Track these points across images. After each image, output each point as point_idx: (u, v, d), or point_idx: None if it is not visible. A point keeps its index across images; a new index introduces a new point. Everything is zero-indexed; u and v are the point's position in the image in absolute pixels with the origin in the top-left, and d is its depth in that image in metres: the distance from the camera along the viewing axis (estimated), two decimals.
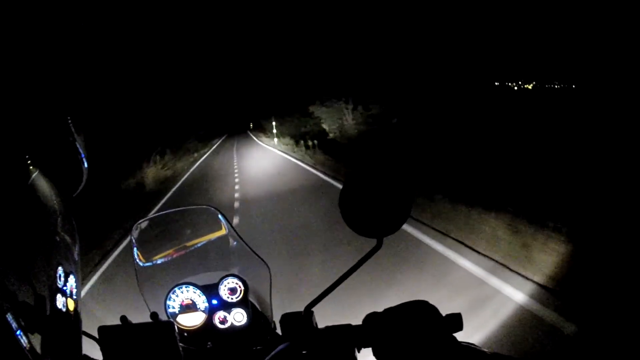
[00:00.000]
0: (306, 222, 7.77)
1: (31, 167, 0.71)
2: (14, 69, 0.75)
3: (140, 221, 1.63)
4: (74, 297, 0.70)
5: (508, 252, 4.72)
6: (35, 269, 0.61)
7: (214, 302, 1.52)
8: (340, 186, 1.29)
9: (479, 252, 5.01)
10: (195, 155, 35.31)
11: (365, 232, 1.00)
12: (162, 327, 1.09)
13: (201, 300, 1.51)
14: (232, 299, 1.53)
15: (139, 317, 1.24)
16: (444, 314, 0.95)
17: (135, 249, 1.59)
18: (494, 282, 4.24)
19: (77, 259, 0.76)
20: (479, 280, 4.37)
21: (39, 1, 0.81)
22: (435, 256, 5.22)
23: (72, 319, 0.69)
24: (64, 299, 0.66)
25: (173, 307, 1.51)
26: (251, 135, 54.45)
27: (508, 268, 4.47)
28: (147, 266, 1.61)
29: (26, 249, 0.60)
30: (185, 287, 1.52)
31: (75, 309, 0.70)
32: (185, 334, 1.48)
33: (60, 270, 0.66)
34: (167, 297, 1.52)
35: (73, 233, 0.77)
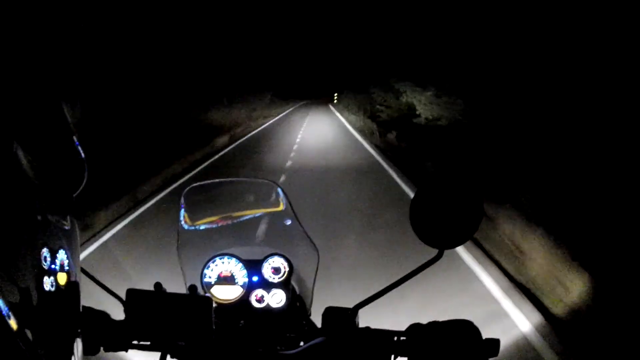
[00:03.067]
0: None
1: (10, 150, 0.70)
2: (14, 66, 0.75)
3: (194, 184, 1.59)
4: (66, 269, 0.69)
5: None
6: (16, 261, 0.59)
7: (254, 278, 1.46)
8: None
9: None
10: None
11: (430, 241, 1.03)
12: (199, 302, 1.03)
13: (241, 275, 1.47)
14: (274, 278, 1.47)
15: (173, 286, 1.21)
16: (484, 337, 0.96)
17: (182, 210, 1.55)
18: None
19: (69, 229, 0.74)
20: None
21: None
22: None
23: (64, 294, 0.68)
24: (51, 277, 0.65)
25: (210, 277, 1.47)
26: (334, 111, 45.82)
27: None
28: (190, 230, 1.57)
29: (4, 236, 0.59)
30: (228, 257, 1.48)
31: (68, 280, 0.69)
32: (217, 307, 1.43)
33: (45, 250, 0.65)
34: (205, 265, 1.48)
35: (59, 200, 0.76)
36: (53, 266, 0.66)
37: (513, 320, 3.85)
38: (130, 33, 11.19)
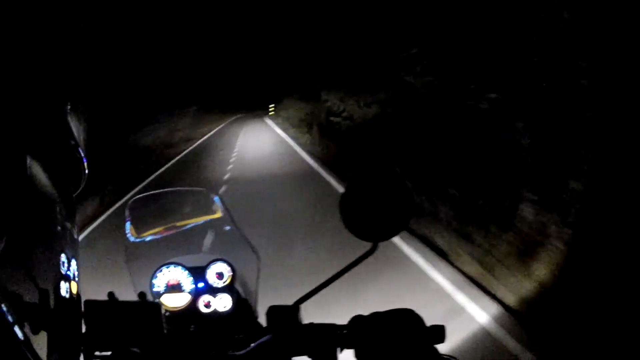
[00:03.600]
0: None
1: (31, 161, 0.70)
2: (14, 66, 0.75)
3: (137, 196, 1.63)
4: (76, 279, 0.70)
5: None
6: (40, 258, 0.61)
7: (200, 284, 1.51)
8: None
9: None
10: None
11: (362, 235, 1.03)
12: (149, 308, 1.07)
13: (188, 282, 1.51)
14: (218, 283, 1.53)
15: (126, 294, 1.22)
16: (428, 325, 0.97)
17: (128, 223, 1.59)
18: None
19: (77, 239, 0.77)
20: None
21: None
22: None
23: (75, 301, 0.70)
24: (67, 284, 0.66)
25: (158, 286, 1.51)
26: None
27: None
28: (137, 242, 1.61)
29: (29, 239, 0.60)
30: (174, 266, 1.52)
31: (77, 291, 0.71)
32: (168, 314, 1.48)
33: (63, 256, 0.66)
34: (153, 275, 1.51)
35: (71, 217, 0.78)
36: (68, 273, 0.67)
37: None
38: None
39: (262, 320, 1.36)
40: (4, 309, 0.49)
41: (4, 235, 0.52)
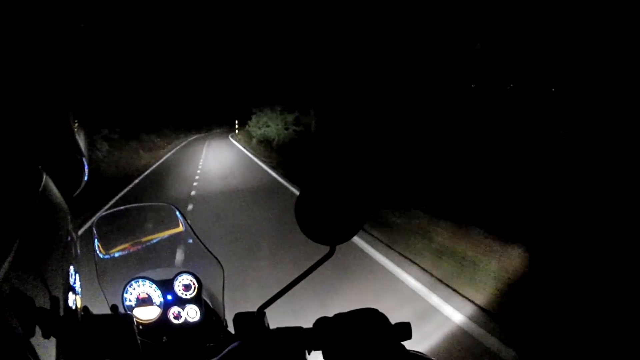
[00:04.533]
0: None
1: (39, 169, 0.72)
2: (15, 68, 0.74)
3: (102, 214, 1.66)
4: (80, 294, 0.71)
5: None
6: (51, 266, 0.61)
7: (169, 297, 1.55)
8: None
9: None
10: None
11: (319, 239, 1.04)
12: (122, 320, 1.10)
13: (157, 295, 1.55)
14: (186, 295, 1.57)
15: (97, 309, 1.25)
16: (393, 323, 0.99)
17: (96, 240, 1.61)
18: None
19: (79, 254, 0.77)
20: None
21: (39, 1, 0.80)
22: None
23: (79, 315, 0.71)
24: (74, 296, 0.67)
25: (130, 300, 1.55)
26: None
27: None
28: (106, 259, 1.64)
29: (41, 245, 0.60)
30: (142, 280, 1.56)
31: (81, 306, 0.72)
32: (141, 327, 1.51)
33: (72, 268, 0.67)
34: (124, 290, 1.55)
35: (76, 231, 0.79)
36: (74, 285, 0.68)
37: None
38: None
39: (231, 328, 1.40)
40: (12, 311, 0.49)
41: (17, 238, 0.54)
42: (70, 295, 0.65)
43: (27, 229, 0.58)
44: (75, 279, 0.68)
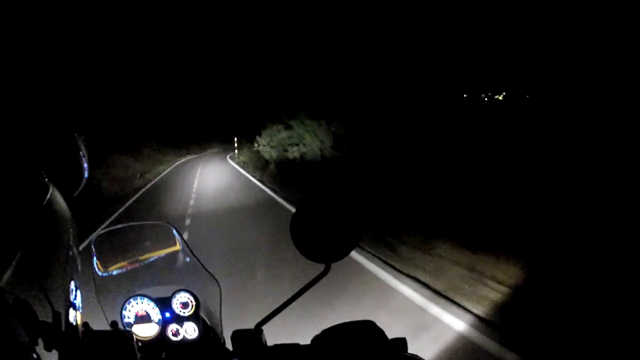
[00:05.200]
0: None
1: (45, 180, 0.72)
2: (16, 72, 0.76)
3: (101, 232, 1.68)
4: (81, 310, 0.71)
5: None
6: (53, 280, 0.61)
7: (167, 314, 1.57)
8: None
9: None
10: None
11: (314, 257, 1.05)
12: (122, 336, 1.11)
13: (155, 312, 1.57)
14: (184, 312, 1.59)
15: (96, 325, 1.26)
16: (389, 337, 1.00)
17: (94, 258, 1.63)
18: None
19: (80, 270, 0.78)
20: None
21: (40, 4, 0.81)
22: None
23: (80, 331, 0.71)
24: (74, 312, 0.67)
25: (128, 317, 1.56)
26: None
27: None
28: (105, 276, 1.66)
29: (44, 258, 0.61)
30: (140, 298, 1.58)
31: (81, 323, 0.72)
32: (141, 344, 1.52)
33: (72, 284, 0.67)
34: (123, 307, 1.57)
35: (77, 245, 0.80)
36: (75, 301, 0.68)
37: None
38: None
39: (229, 345, 1.41)
40: (18, 321, 0.49)
41: (20, 249, 0.54)
42: (71, 311, 0.65)
43: (31, 239, 0.58)
44: (75, 295, 0.68)
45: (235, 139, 33.80)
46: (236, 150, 33.00)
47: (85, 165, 0.89)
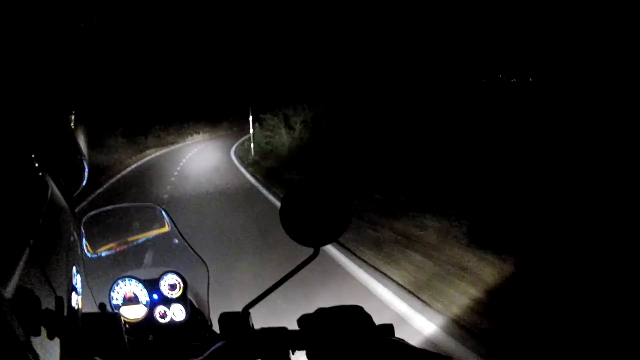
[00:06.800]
0: None
1: (44, 175, 0.72)
2: (15, 68, 0.74)
3: (90, 213, 1.67)
4: (80, 294, 0.72)
5: None
6: (57, 267, 0.61)
7: (155, 296, 1.58)
8: None
9: None
10: None
11: (303, 240, 1.06)
12: (110, 318, 1.12)
13: (143, 294, 1.57)
14: (171, 294, 1.59)
15: (85, 307, 1.26)
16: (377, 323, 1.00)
17: (84, 239, 1.63)
18: None
19: (80, 254, 0.79)
20: None
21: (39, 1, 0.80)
22: None
23: (79, 315, 0.72)
24: (76, 296, 0.67)
25: (116, 299, 1.57)
26: None
27: None
28: (93, 258, 1.66)
29: (50, 245, 0.61)
30: (129, 280, 1.58)
31: (81, 307, 0.73)
32: (128, 326, 1.53)
33: (74, 269, 0.68)
34: (111, 289, 1.57)
35: (77, 230, 0.80)
36: (76, 286, 0.69)
37: None
38: None
39: (216, 327, 1.42)
40: (20, 313, 0.48)
41: (30, 240, 0.54)
42: (73, 295, 0.66)
43: (37, 235, 0.58)
44: (77, 279, 0.69)
45: (250, 119, 32.52)
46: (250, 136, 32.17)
47: (86, 166, 0.89)
